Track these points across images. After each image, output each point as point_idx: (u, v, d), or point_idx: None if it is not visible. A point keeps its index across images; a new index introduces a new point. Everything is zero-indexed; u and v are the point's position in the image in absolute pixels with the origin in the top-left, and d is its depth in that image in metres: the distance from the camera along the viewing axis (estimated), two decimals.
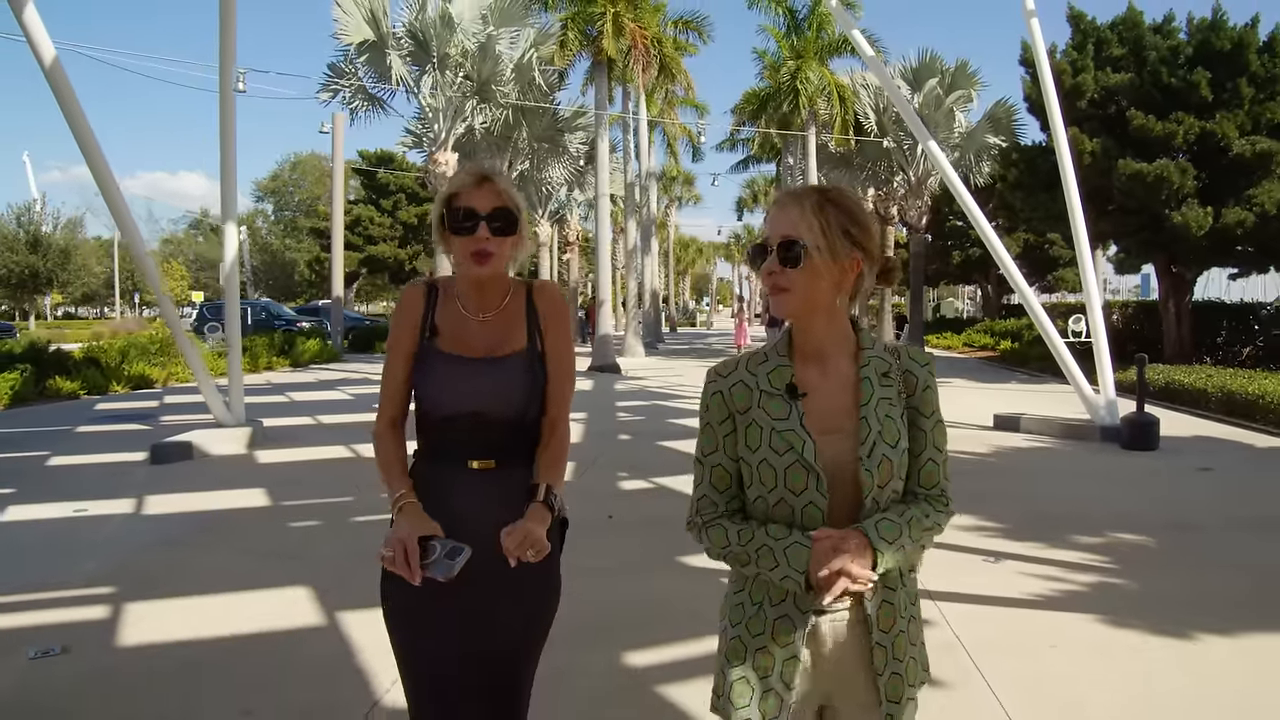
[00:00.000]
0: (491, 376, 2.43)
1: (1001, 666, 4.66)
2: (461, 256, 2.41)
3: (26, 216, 56.02)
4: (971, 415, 14.38)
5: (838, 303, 2.03)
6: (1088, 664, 4.77)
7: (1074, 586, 6.10)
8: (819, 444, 1.97)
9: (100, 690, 4.49)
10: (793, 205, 2.00)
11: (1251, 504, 8.67)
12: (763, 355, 2.11)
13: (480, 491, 2.42)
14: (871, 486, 1.97)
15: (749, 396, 2.05)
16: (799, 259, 1.96)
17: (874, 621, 1.99)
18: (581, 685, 4.40)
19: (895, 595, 2.02)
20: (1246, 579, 6.26)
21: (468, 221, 2.36)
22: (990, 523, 7.70)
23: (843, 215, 2.00)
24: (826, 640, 2.02)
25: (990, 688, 4.40)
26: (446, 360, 2.45)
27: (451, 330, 2.48)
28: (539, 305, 2.56)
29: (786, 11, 29.77)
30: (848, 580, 1.85)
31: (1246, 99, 20.21)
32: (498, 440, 2.45)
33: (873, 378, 2.03)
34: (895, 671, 2.01)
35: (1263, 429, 13.35)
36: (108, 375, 20.08)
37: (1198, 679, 4.58)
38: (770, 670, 2.01)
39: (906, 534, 1.95)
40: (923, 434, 2.06)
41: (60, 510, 8.41)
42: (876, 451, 1.97)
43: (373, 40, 22.06)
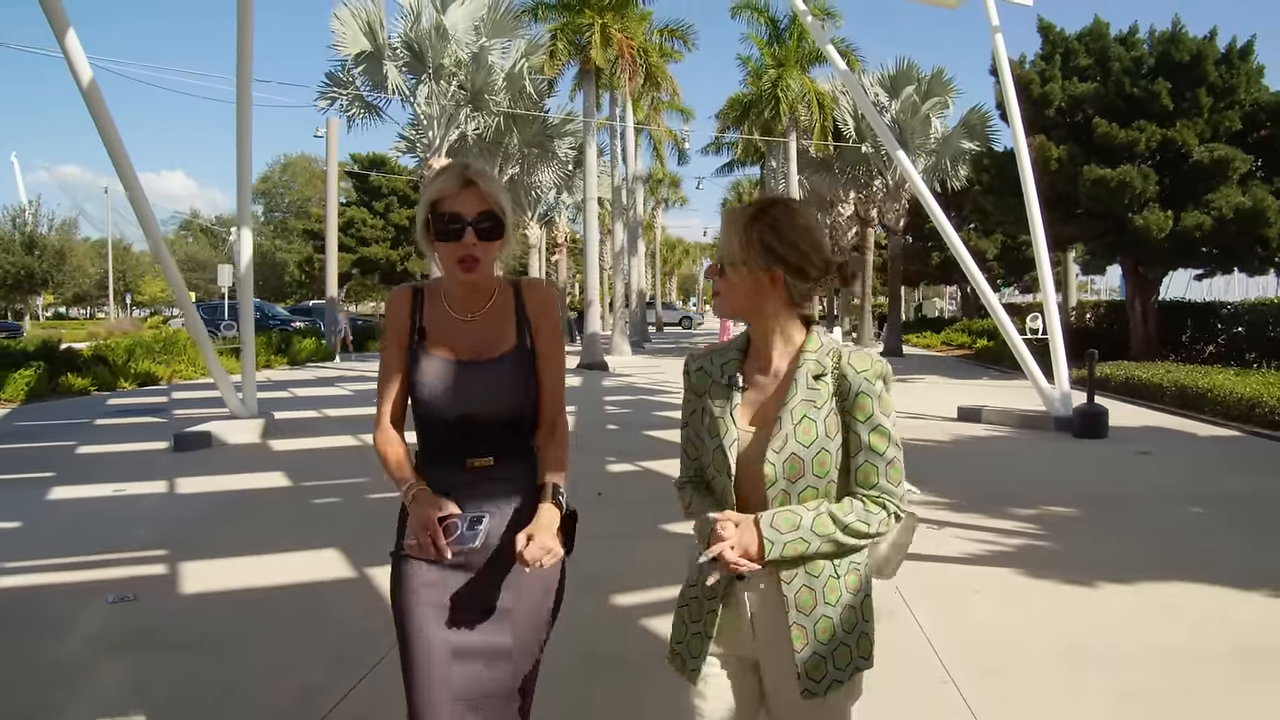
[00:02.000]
0: (482, 379, 2.46)
1: (927, 605, 5.58)
2: (448, 262, 2.41)
3: (22, 218, 56.69)
4: (939, 408, 15.42)
5: (769, 307, 2.21)
6: (1003, 605, 5.71)
7: (1003, 548, 7.03)
8: (744, 435, 2.20)
9: (170, 625, 5.37)
10: (727, 221, 2.25)
11: (1179, 482, 9.59)
12: (727, 347, 2.34)
13: (481, 489, 2.45)
14: (776, 479, 2.13)
15: (706, 382, 2.30)
16: (722, 270, 2.22)
17: (791, 602, 2.14)
18: (575, 625, 5.28)
19: (817, 582, 2.15)
20: (1159, 542, 7.18)
21: (454, 226, 2.36)
22: (939, 499, 8.62)
23: (767, 230, 2.16)
24: (746, 606, 2.21)
25: (916, 620, 5.33)
26: (436, 364, 2.47)
27: (439, 333, 2.51)
28: (528, 304, 2.57)
29: (768, 21, 30.71)
30: (728, 561, 2.06)
31: (1205, 108, 21.18)
32: (495, 439, 2.49)
33: (801, 379, 2.17)
34: (817, 653, 2.14)
35: (1210, 420, 14.29)
36: (115, 372, 20.86)
37: (1096, 616, 5.51)
38: (698, 617, 2.26)
39: (809, 528, 2.09)
40: (857, 437, 2.16)
41: (100, 490, 9.25)
42: (786, 448, 2.12)
43: (370, 51, 22.89)
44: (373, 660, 4.64)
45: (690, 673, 2.24)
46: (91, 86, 10.34)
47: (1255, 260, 23.00)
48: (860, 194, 35.21)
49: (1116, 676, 4.54)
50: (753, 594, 2.19)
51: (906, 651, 4.86)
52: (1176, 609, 5.59)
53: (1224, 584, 5.97)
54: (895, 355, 31.62)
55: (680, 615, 2.33)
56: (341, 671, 4.49)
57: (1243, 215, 20.35)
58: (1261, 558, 6.62)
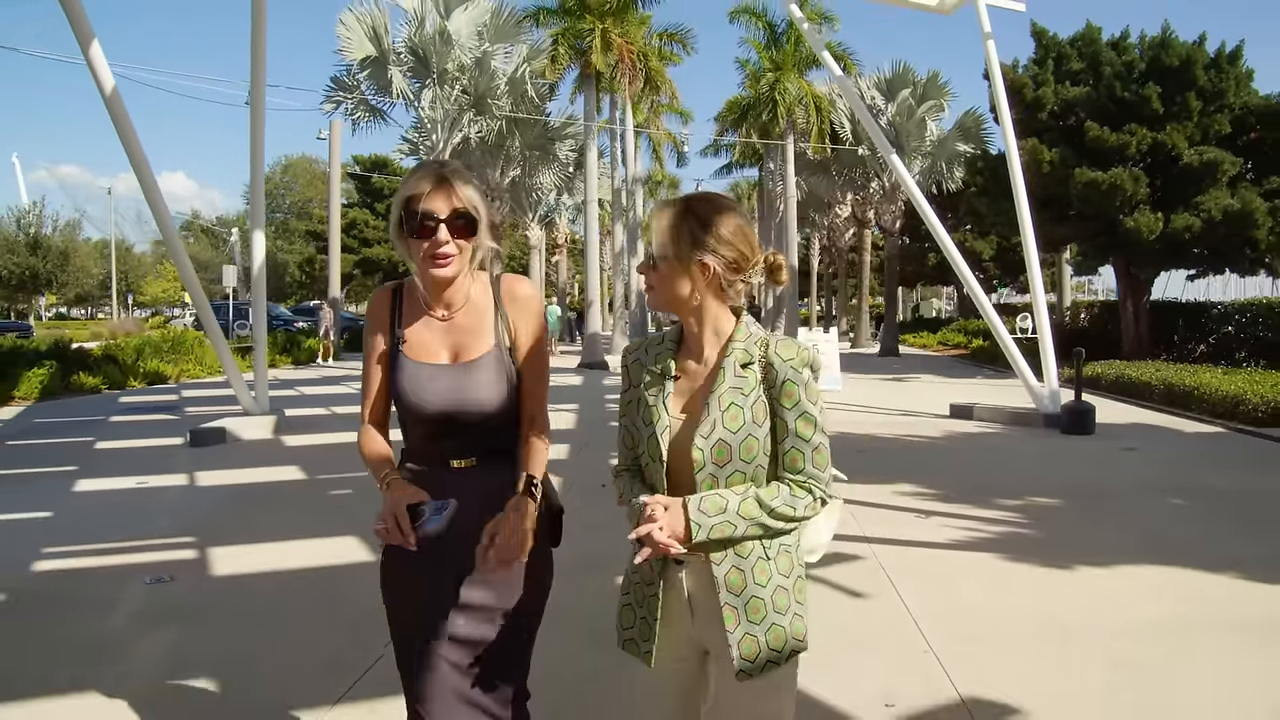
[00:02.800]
0: (461, 381, 2.46)
1: (912, 586, 5.98)
2: (420, 259, 2.42)
3: (27, 219, 57.12)
4: (932, 406, 15.84)
5: (699, 299, 2.29)
6: (984, 585, 6.10)
7: (987, 535, 7.42)
8: (675, 422, 2.28)
9: (205, 603, 5.76)
10: (658, 215, 2.33)
11: (1161, 476, 9.97)
12: (661, 338, 2.43)
13: (463, 490, 2.43)
14: (704, 464, 2.21)
15: (640, 372, 2.39)
16: (655, 264, 2.31)
17: (721, 582, 2.22)
18: (581, 604, 5.66)
19: (747, 563, 2.23)
20: (1138, 530, 7.56)
21: (427, 223, 2.37)
22: (928, 490, 9.02)
23: (695, 223, 2.24)
24: (681, 587, 2.30)
25: (901, 598, 5.73)
26: (415, 366, 2.48)
27: (417, 334, 2.52)
28: (506, 302, 2.58)
29: (766, 26, 31.04)
30: (656, 542, 2.13)
31: (1195, 111, 21.59)
32: (476, 440, 2.50)
33: (728, 368, 2.25)
34: (750, 634, 2.22)
35: (1196, 417, 14.68)
36: (125, 371, 21.26)
37: (1072, 594, 5.91)
38: (642, 601, 2.37)
39: (735, 510, 2.17)
40: (784, 423, 2.25)
41: (124, 483, 9.64)
42: (714, 434, 2.20)
43: (375, 56, 23.29)
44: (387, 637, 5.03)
45: (645, 655, 2.35)
46: (114, 94, 10.72)
47: (1245, 261, 23.40)
48: (857, 196, 35.63)
49: (1083, 645, 4.94)
50: (688, 576, 2.28)
51: (890, 626, 5.27)
52: (1152, 588, 5.98)
53: (1198, 567, 6.35)
54: (892, 355, 32.03)
55: (626, 602, 2.43)
56: (360, 645, 4.86)
57: (1231, 217, 20.76)
58: (1235, 544, 7.00)
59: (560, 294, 47.02)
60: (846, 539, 7.03)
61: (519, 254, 56.86)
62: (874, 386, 20.71)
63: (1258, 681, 4.45)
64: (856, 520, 7.70)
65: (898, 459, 11.02)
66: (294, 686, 4.38)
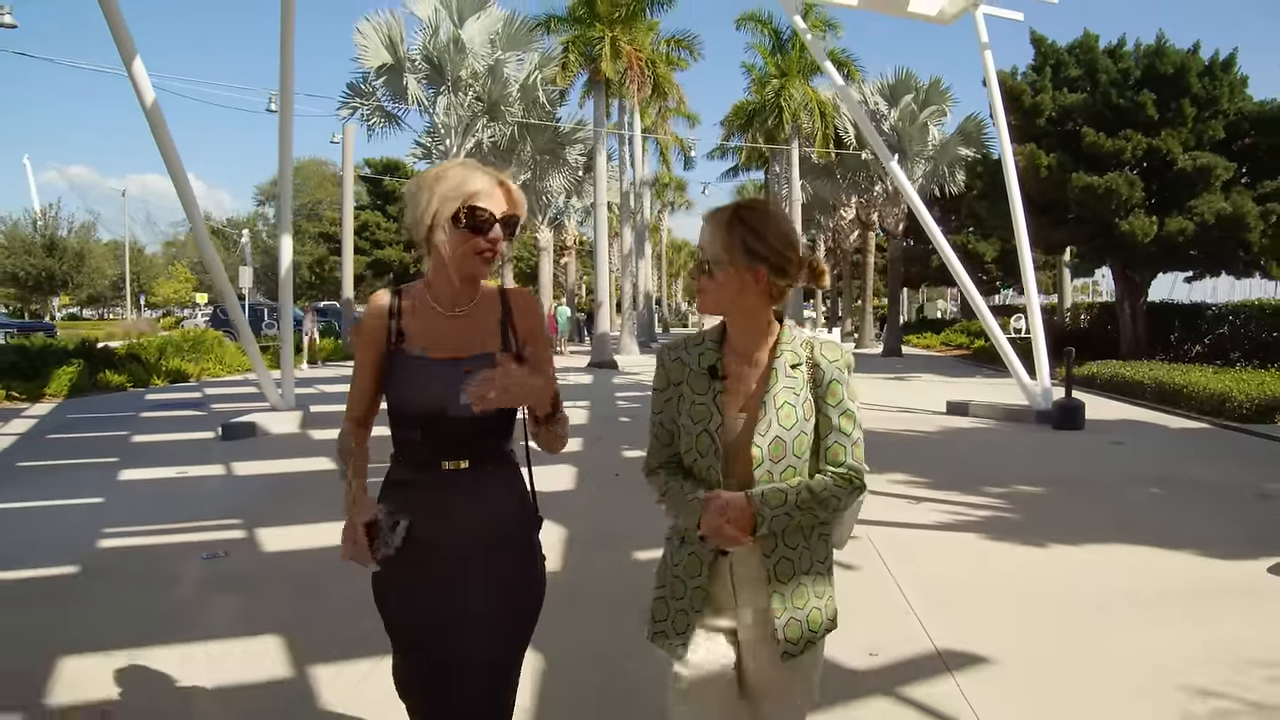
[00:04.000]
0: (461, 378, 2.41)
1: (899, 559, 6.59)
2: (466, 253, 2.44)
3: (42, 221, 57.94)
4: (930, 404, 16.47)
5: (750, 303, 2.38)
6: (964, 560, 6.71)
7: (972, 518, 8.01)
8: (728, 420, 2.37)
9: (258, 576, 6.38)
10: (709, 224, 2.39)
11: (1142, 467, 10.54)
12: (700, 338, 2.49)
13: (453, 493, 2.48)
14: (762, 460, 2.32)
15: (682, 371, 2.45)
16: (710, 271, 2.36)
17: (772, 573, 2.35)
18: (593, 575, 6.27)
19: (794, 553, 2.37)
20: (1113, 515, 8.13)
21: (490, 220, 2.43)
22: (921, 479, 9.62)
23: (747, 231, 2.33)
24: (727, 579, 2.40)
25: (889, 570, 6.34)
26: (415, 362, 2.49)
27: (421, 331, 2.53)
28: (515, 312, 2.62)
29: (772, 33, 31.61)
30: (725, 536, 2.24)
31: (1189, 117, 22.15)
32: (469, 441, 2.50)
33: (780, 368, 2.36)
34: (794, 618, 2.35)
35: (1184, 414, 15.26)
36: (149, 370, 21.90)
37: (1042, 567, 6.51)
38: (683, 595, 2.42)
39: (793, 503, 2.28)
40: (828, 420, 2.38)
41: (165, 473, 10.25)
42: (771, 431, 2.32)
43: (390, 64, 23.91)
44: None
45: (678, 648, 2.41)
46: (154, 107, 11.35)
47: (1239, 263, 23.94)
48: (861, 199, 36.21)
49: (1049, 609, 5.56)
50: (736, 566, 2.38)
51: (878, 593, 5.88)
52: (1117, 564, 6.58)
53: (1164, 547, 6.94)
54: (894, 355, 32.56)
55: (661, 595, 2.50)
56: None
57: (1224, 220, 21.31)
58: (1202, 528, 7.54)
59: (569, 295, 47.63)
60: None
61: (527, 255, 57.49)
62: (875, 385, 21.30)
63: (1202, 640, 5.02)
64: None
65: (894, 452, 11.59)
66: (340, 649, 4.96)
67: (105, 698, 4.32)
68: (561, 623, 5.39)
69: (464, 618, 2.47)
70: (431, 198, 2.43)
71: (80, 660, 4.73)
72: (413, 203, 2.48)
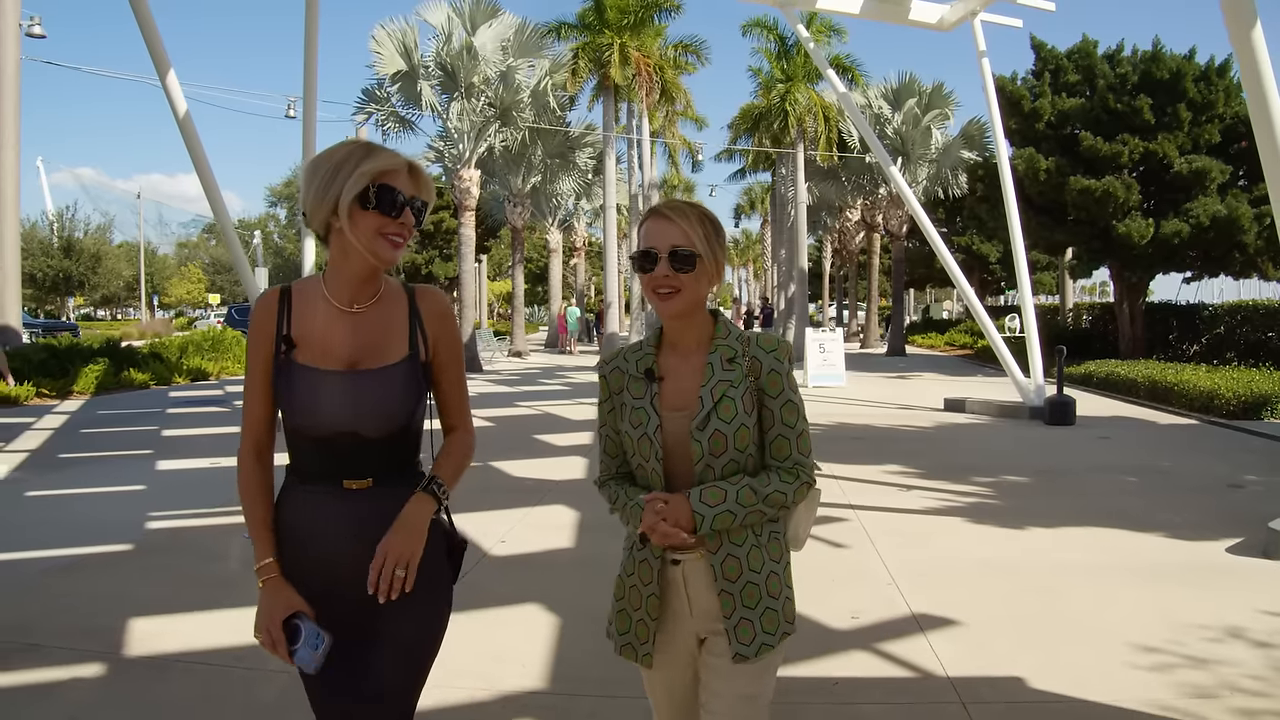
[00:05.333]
0: (365, 390, 2.26)
1: (886, 539, 7.19)
2: (372, 236, 2.22)
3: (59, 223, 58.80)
4: (929, 401, 17.06)
5: (703, 299, 2.37)
6: (945, 540, 7.31)
7: (958, 504, 8.59)
8: (667, 420, 2.32)
9: None
10: (679, 218, 2.30)
11: (1123, 459, 11.10)
12: (638, 345, 2.46)
13: (356, 514, 2.26)
14: (702, 455, 2.28)
15: (621, 379, 2.42)
16: (692, 265, 2.28)
17: (718, 572, 2.30)
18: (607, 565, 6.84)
19: (741, 551, 2.31)
20: (1086, 501, 8.70)
21: (398, 200, 2.23)
22: (913, 469, 10.20)
23: (712, 228, 2.34)
24: (680, 583, 2.35)
25: (876, 549, 6.93)
26: (308, 375, 2.26)
27: (314, 337, 2.29)
28: (425, 315, 2.39)
29: (777, 39, 32.10)
30: (664, 535, 2.22)
31: (1185, 122, 22.61)
32: (374, 458, 2.29)
33: (716, 363, 2.33)
34: (745, 618, 2.30)
35: (1174, 410, 15.79)
36: (170, 368, 22.55)
37: (1014, 545, 7.10)
38: (640, 604, 2.38)
39: (734, 499, 2.24)
40: (770, 413, 2.34)
41: (199, 464, 10.87)
42: (710, 426, 2.27)
43: (405, 71, 24.55)
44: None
45: (644, 657, 2.40)
46: (186, 118, 11.95)
47: (1236, 265, 24.36)
48: (866, 201, 36.76)
49: (1015, 580, 6.15)
50: (685, 570, 2.34)
51: (863, 567, 6.49)
52: (1084, 542, 7.17)
53: (1129, 529, 7.52)
54: (898, 355, 33.12)
55: (620, 608, 2.46)
56: None
57: (1219, 223, 21.79)
58: (1168, 513, 8.09)
59: (578, 296, 48.22)
60: (835, 506, 8.25)
61: (537, 256, 58.11)
62: (877, 383, 21.88)
63: (1152, 606, 5.60)
64: (845, 493, 8.89)
65: (890, 445, 12.17)
66: None
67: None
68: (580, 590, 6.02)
69: (362, 645, 2.28)
70: (334, 177, 2.20)
71: (155, 619, 5.34)
72: (311, 183, 2.24)
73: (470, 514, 7.76)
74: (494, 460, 10.70)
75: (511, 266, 37.69)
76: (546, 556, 6.91)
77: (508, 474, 10.11)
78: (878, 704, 4.33)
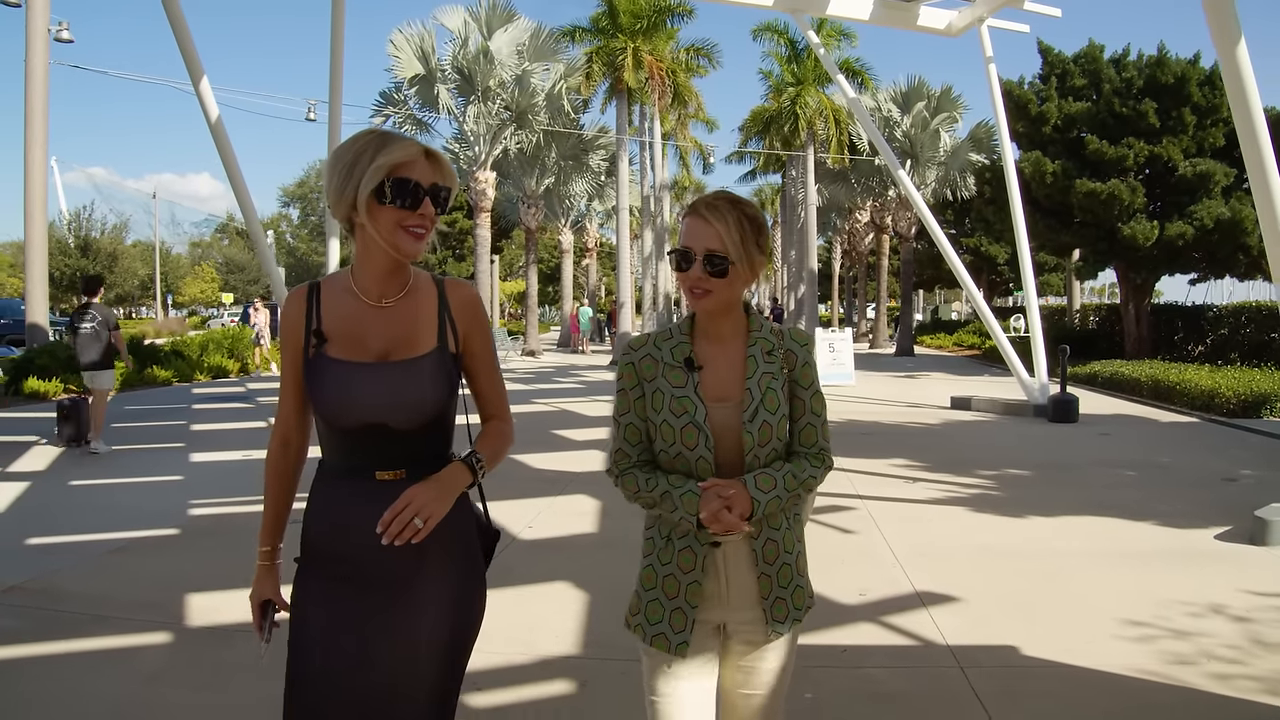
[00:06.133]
0: (395, 382, 2.26)
1: (892, 526, 7.61)
2: (393, 230, 2.21)
3: (76, 223, 59.48)
4: (936, 399, 17.46)
5: (739, 295, 2.40)
6: (948, 527, 7.71)
7: (960, 494, 8.99)
8: (709, 409, 2.34)
9: None
10: (716, 220, 2.30)
11: (1122, 454, 11.48)
12: (668, 333, 2.46)
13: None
14: (752, 445, 2.33)
15: (655, 367, 2.41)
16: (724, 271, 2.29)
17: (759, 555, 2.37)
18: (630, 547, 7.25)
19: (778, 535, 2.39)
20: (1084, 493, 9.08)
21: (416, 192, 2.20)
22: (919, 463, 10.60)
23: (753, 227, 2.34)
24: (720, 569, 2.38)
25: (882, 534, 7.35)
26: (340, 367, 2.26)
27: (344, 330, 2.30)
28: (454, 306, 2.38)
29: (788, 43, 32.46)
30: (727, 522, 2.23)
31: (1190, 125, 22.96)
32: (406, 449, 2.28)
33: (758, 355, 2.38)
34: (780, 597, 2.39)
35: (1176, 409, 16.16)
36: (192, 366, 23.02)
37: (1012, 531, 7.50)
38: (677, 593, 2.38)
39: (782, 485, 2.31)
40: (802, 402, 2.42)
41: (232, 456, 11.30)
42: (758, 417, 2.33)
43: (423, 74, 25.02)
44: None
45: (679, 647, 2.37)
46: (218, 123, 12.39)
47: (1240, 266, 24.69)
48: (875, 202, 37.11)
49: (1011, 563, 6.57)
50: (726, 553, 2.37)
51: (870, 550, 6.92)
52: (1078, 530, 7.57)
53: (1121, 517, 7.92)
54: (907, 355, 33.46)
55: (652, 597, 2.43)
56: None
57: (1223, 225, 22.15)
58: (1160, 504, 8.50)
59: (590, 296, 48.66)
60: (844, 496, 8.68)
61: (548, 257, 58.55)
62: (886, 382, 22.27)
63: (1140, 586, 6.00)
64: (854, 485, 9.28)
65: (897, 440, 12.56)
66: None
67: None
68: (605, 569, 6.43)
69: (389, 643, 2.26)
70: (351, 172, 2.19)
71: (212, 595, 5.76)
72: (331, 180, 2.24)
73: (498, 502, 8.05)
74: (516, 454, 11.11)
75: (525, 267, 38.17)
76: (572, 540, 7.31)
77: (530, 466, 10.54)
78: (883, 668, 4.74)
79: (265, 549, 2.45)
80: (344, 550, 2.28)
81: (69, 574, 6.30)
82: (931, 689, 4.47)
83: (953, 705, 4.26)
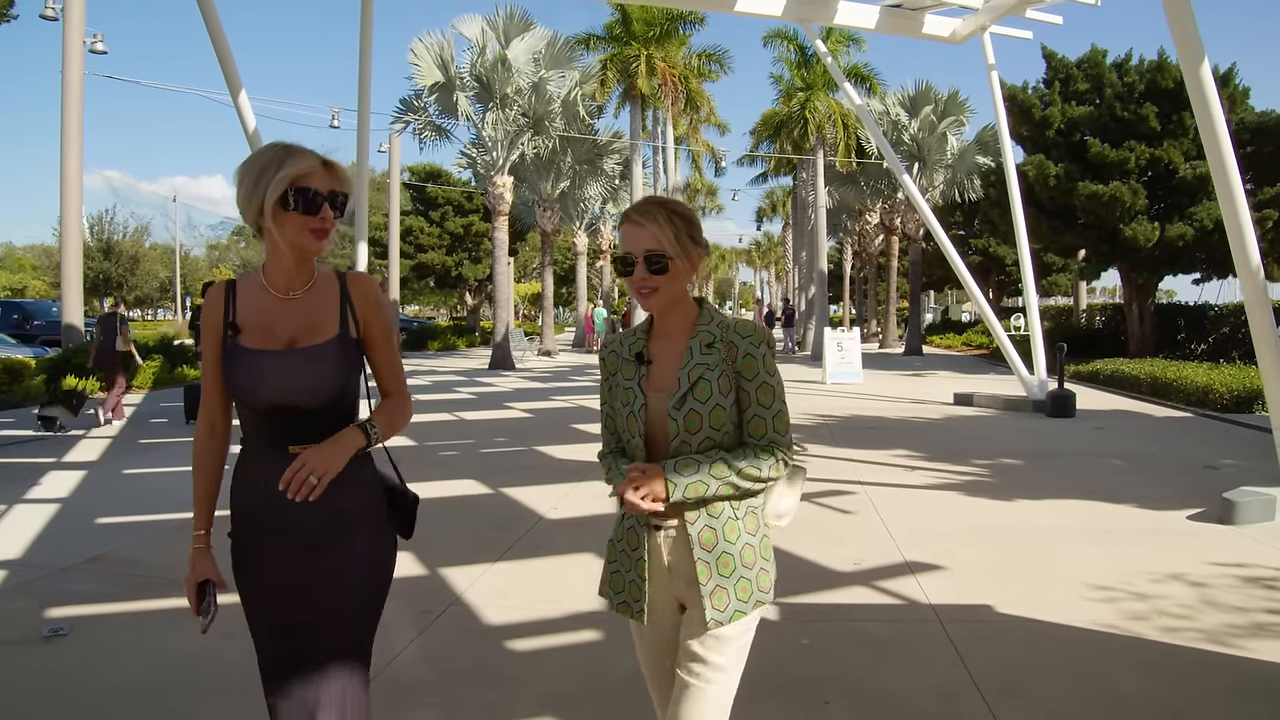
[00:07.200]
0: (300, 366, 2.48)
1: (889, 507, 8.26)
2: (299, 233, 2.44)
3: (98, 226, 60.43)
4: (940, 396, 18.07)
5: (684, 290, 2.54)
6: (941, 508, 8.35)
7: (954, 480, 9.62)
8: (652, 399, 2.49)
9: None
10: (649, 223, 2.45)
11: (1114, 446, 12.05)
12: (634, 332, 2.64)
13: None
14: (678, 432, 2.43)
15: (617, 362, 2.61)
16: (665, 268, 2.44)
17: (695, 540, 2.44)
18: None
19: (717, 523, 2.44)
20: (1072, 479, 9.68)
21: (316, 199, 2.42)
22: (919, 453, 11.23)
23: (684, 222, 2.48)
24: (661, 549, 2.51)
25: (879, 515, 7.99)
26: (251, 355, 2.48)
27: (256, 322, 2.52)
28: (355, 297, 2.59)
29: (797, 48, 33.02)
30: (629, 503, 2.37)
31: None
32: (315, 425, 2.48)
33: (695, 347, 2.48)
34: (720, 586, 2.42)
35: (1172, 405, 16.71)
36: None
37: (1002, 512, 8.14)
38: (629, 566, 2.57)
39: (707, 472, 2.39)
40: (747, 394, 2.47)
41: None
42: (686, 406, 2.43)
43: (442, 82, 25.70)
44: (522, 530, 7.37)
45: (638, 613, 2.55)
46: (255, 134, 13.06)
47: None
48: (885, 204, 37.67)
49: (995, 538, 7.22)
50: (665, 539, 2.50)
51: (866, 527, 7.58)
52: (1062, 511, 8.21)
53: (1105, 500, 8.54)
54: (915, 354, 34.01)
55: (613, 569, 2.63)
56: (504, 534, 7.19)
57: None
58: (1143, 489, 9.08)
59: (604, 297, 49.35)
60: (845, 483, 9.32)
61: (562, 259, 59.19)
62: (893, 380, 22.90)
63: (1111, 558, 6.63)
64: (856, 473, 9.93)
65: (900, 433, 13.18)
66: (465, 554, 6.65)
67: None
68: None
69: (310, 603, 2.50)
70: (257, 184, 2.42)
71: None
72: (241, 189, 2.46)
73: (525, 487, 8.95)
74: (538, 445, 11.81)
75: (541, 269, 38.81)
76: (595, 520, 7.93)
77: (552, 456, 11.18)
78: (872, 621, 5.38)
79: (200, 532, 2.65)
80: (269, 518, 2.52)
81: (140, 547, 6.99)
82: (912, 636, 5.12)
83: (929, 649, 4.90)
